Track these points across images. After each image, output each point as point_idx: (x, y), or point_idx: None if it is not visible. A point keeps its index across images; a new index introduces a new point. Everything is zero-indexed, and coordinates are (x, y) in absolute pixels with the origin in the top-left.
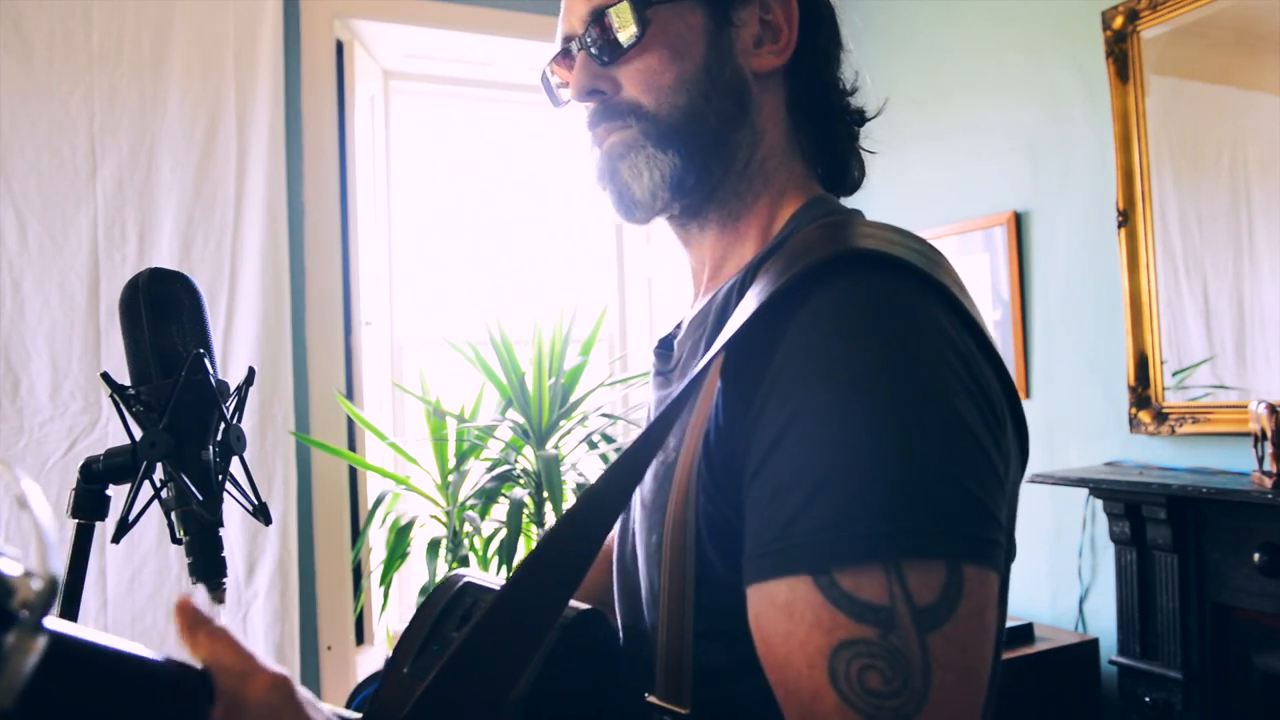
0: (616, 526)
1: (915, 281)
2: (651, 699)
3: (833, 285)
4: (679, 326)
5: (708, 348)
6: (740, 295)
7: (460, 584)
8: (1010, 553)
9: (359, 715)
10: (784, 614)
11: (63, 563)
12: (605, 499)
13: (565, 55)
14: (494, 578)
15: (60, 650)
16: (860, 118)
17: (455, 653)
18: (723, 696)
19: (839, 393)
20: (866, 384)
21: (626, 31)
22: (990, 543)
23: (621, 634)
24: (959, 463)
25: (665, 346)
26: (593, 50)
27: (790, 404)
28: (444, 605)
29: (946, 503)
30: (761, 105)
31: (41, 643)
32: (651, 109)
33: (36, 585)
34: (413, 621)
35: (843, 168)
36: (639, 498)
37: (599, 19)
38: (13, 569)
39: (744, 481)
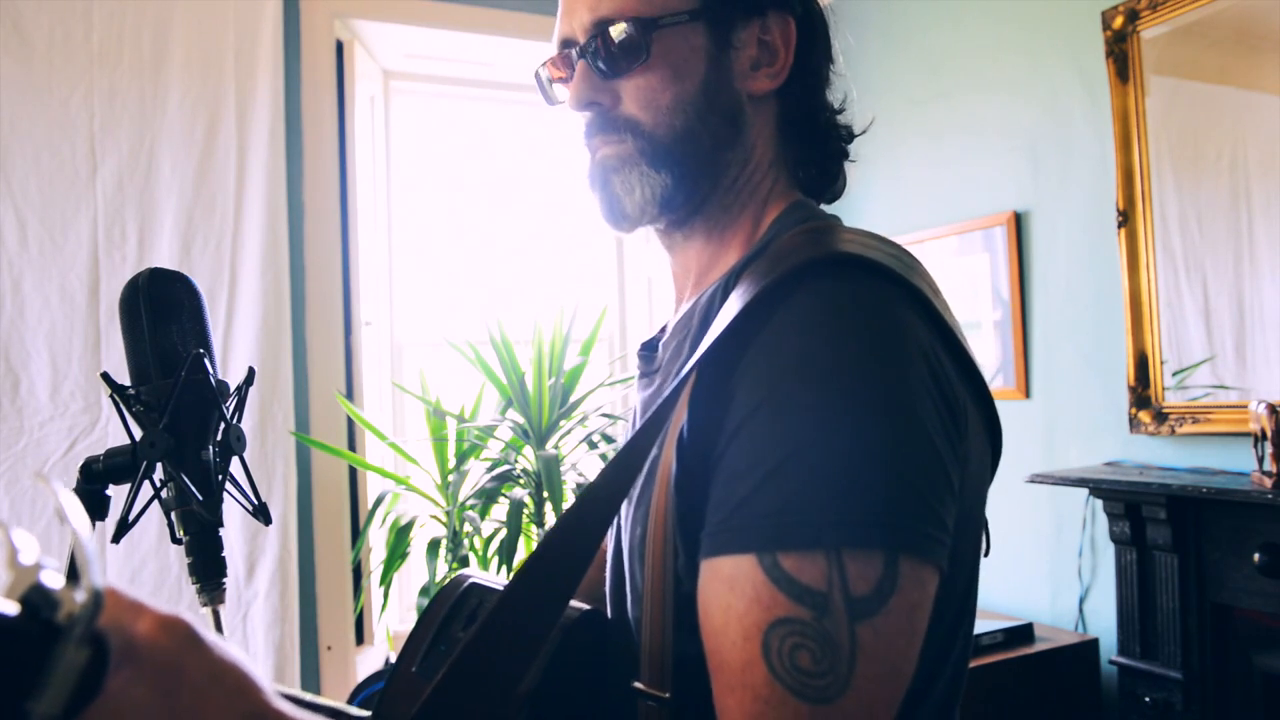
0: None
1: (890, 285)
2: (637, 685)
3: (809, 287)
4: (663, 330)
5: (691, 350)
6: (723, 299)
7: (466, 585)
8: (982, 549)
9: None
10: (726, 587)
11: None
12: (600, 502)
13: (563, 58)
14: (499, 578)
15: None
16: (848, 134)
17: (462, 652)
18: (702, 683)
19: (803, 385)
20: (830, 379)
21: (630, 49)
22: (932, 540)
23: (611, 624)
24: (910, 462)
25: (649, 349)
26: (594, 62)
27: (757, 394)
28: (450, 606)
29: (893, 499)
30: (754, 124)
31: (86, 655)
32: (649, 127)
33: (80, 598)
34: (419, 622)
35: (828, 181)
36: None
37: (602, 31)
38: (56, 581)
39: (711, 470)
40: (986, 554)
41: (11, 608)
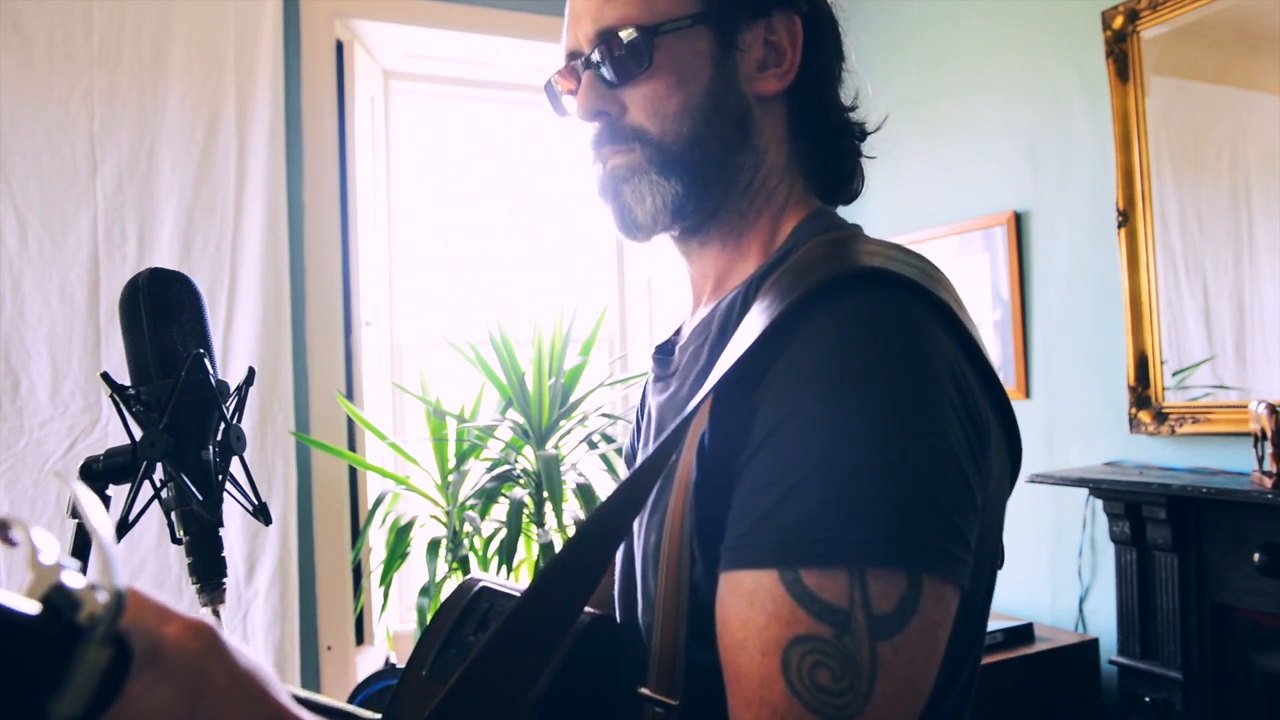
0: None
1: (916, 298)
2: (645, 691)
3: (837, 302)
4: (678, 333)
5: (711, 356)
6: (744, 307)
7: (476, 588)
8: (998, 561)
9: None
10: (746, 601)
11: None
12: (619, 512)
13: (570, 69)
14: (509, 582)
15: None
16: (861, 132)
17: (477, 657)
18: (711, 692)
19: (831, 399)
20: (858, 394)
21: (633, 57)
22: (955, 559)
23: (620, 629)
24: (936, 481)
25: (664, 351)
26: (599, 72)
27: (784, 407)
28: (461, 610)
29: (918, 517)
30: (763, 127)
31: (108, 655)
32: (656, 135)
33: (102, 598)
34: (430, 625)
35: (845, 181)
36: None
37: (606, 40)
38: (77, 582)
39: (733, 482)
40: (1000, 565)
41: (33, 607)
